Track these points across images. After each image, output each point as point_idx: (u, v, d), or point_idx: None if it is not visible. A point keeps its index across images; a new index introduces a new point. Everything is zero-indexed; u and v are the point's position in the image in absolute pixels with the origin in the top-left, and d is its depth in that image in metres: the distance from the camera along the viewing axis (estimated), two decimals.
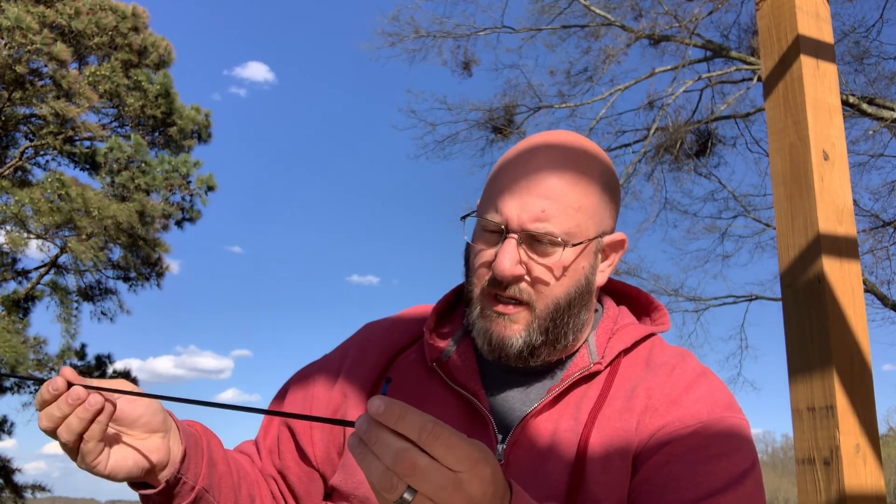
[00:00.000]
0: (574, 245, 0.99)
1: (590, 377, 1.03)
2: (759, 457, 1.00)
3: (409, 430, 0.65)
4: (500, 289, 1.00)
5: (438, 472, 0.66)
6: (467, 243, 1.07)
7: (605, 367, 1.03)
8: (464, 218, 1.06)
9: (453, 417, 1.03)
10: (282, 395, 1.19)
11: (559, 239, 0.98)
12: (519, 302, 1.00)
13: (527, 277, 0.99)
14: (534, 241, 0.99)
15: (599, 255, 1.06)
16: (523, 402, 1.04)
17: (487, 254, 1.01)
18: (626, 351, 1.06)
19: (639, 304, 1.17)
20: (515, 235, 0.98)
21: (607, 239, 1.06)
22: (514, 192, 0.99)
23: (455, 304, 1.17)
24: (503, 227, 0.99)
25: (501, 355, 1.01)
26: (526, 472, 0.98)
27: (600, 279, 1.07)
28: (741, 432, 0.97)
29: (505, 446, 1.00)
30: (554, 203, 0.98)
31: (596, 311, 1.13)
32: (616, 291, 1.19)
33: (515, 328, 1.00)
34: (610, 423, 0.98)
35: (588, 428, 0.97)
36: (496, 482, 0.70)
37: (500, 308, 1.01)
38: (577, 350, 1.07)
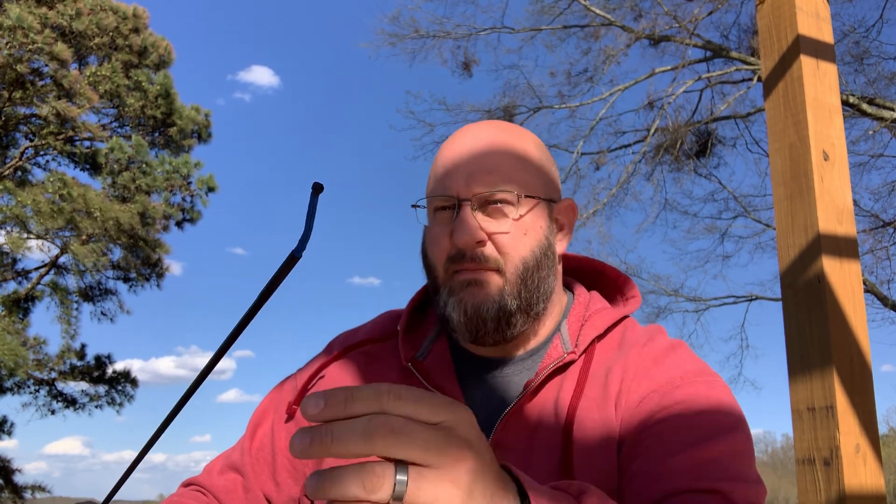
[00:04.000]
0: (527, 197, 0.99)
1: (565, 367, 1.01)
2: (758, 450, 0.97)
3: (366, 403, 0.52)
4: (464, 262, 0.98)
5: (420, 427, 0.52)
6: (423, 239, 1.06)
7: (580, 356, 1.02)
8: (415, 206, 1.05)
9: None
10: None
11: (513, 193, 0.98)
12: (487, 269, 0.99)
13: (488, 242, 0.98)
14: (487, 203, 0.99)
15: (554, 224, 1.05)
16: (502, 400, 1.02)
17: (444, 231, 1.00)
18: (600, 337, 1.05)
19: (608, 280, 1.16)
20: (469, 202, 0.98)
21: (557, 205, 1.06)
22: (458, 166, 1.00)
23: (427, 304, 1.15)
24: (455, 199, 0.99)
25: (479, 326, 0.98)
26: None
27: (560, 248, 1.07)
28: (718, 391, 0.95)
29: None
30: (499, 165, 0.99)
31: (567, 298, 1.12)
32: (585, 269, 1.18)
33: (488, 291, 0.98)
34: (590, 415, 0.96)
35: (569, 420, 0.95)
36: (478, 428, 0.58)
37: (469, 275, 0.98)
38: (549, 339, 1.06)
